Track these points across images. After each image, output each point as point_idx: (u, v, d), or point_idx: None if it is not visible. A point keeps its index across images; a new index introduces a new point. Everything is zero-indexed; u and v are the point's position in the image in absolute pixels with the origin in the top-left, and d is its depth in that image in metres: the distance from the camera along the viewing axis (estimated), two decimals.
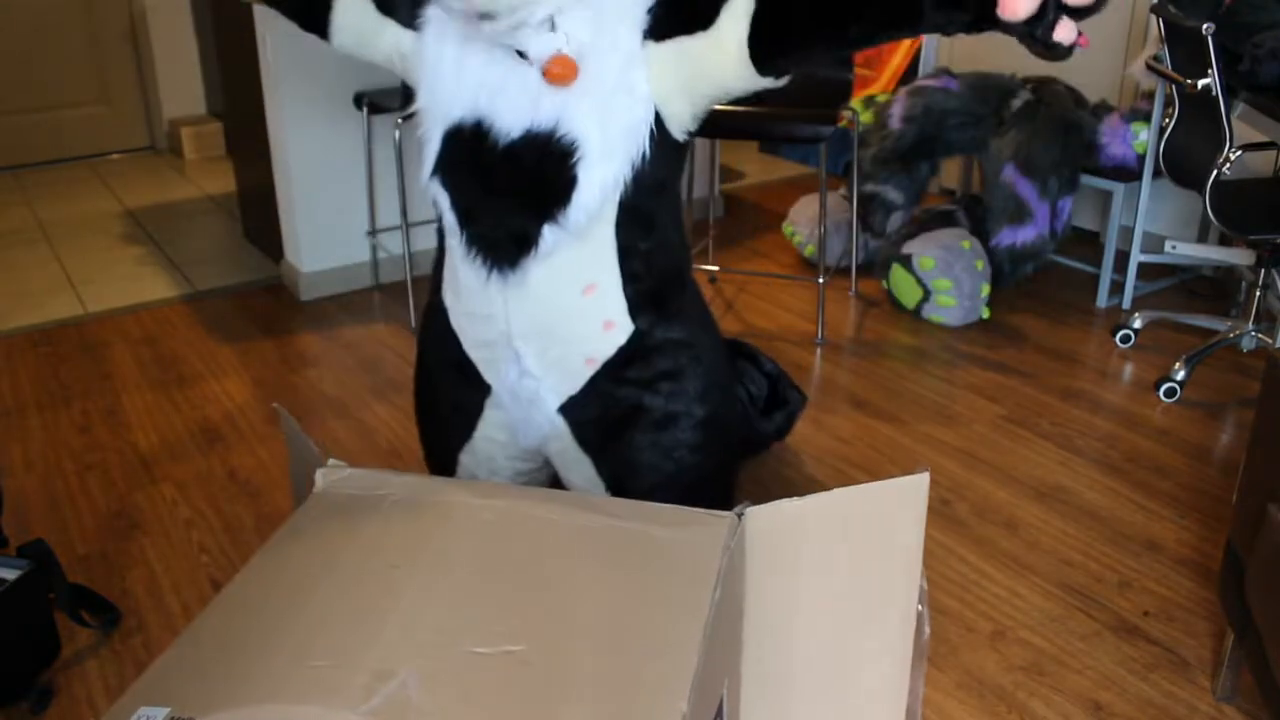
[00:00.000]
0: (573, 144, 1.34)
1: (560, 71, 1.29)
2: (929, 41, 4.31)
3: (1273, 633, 1.51)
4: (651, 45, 1.36)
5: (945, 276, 3.15)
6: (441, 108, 1.42)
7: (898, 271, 3.26)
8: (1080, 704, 1.78)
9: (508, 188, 1.37)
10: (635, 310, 1.48)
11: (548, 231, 1.38)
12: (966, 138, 3.42)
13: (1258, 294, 2.87)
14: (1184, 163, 2.83)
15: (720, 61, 1.33)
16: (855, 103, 3.50)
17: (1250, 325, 2.91)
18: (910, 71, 4.42)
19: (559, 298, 1.45)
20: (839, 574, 1.00)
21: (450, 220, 1.45)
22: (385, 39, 1.51)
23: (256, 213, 3.95)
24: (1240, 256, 3.08)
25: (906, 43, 4.69)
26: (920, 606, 1.02)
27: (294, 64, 3.27)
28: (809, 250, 3.67)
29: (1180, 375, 2.79)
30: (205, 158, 5.26)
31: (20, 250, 4.02)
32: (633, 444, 1.54)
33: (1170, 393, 2.79)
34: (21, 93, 4.94)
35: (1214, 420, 2.70)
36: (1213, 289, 3.48)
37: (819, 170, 3.10)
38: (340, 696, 0.82)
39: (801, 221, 3.68)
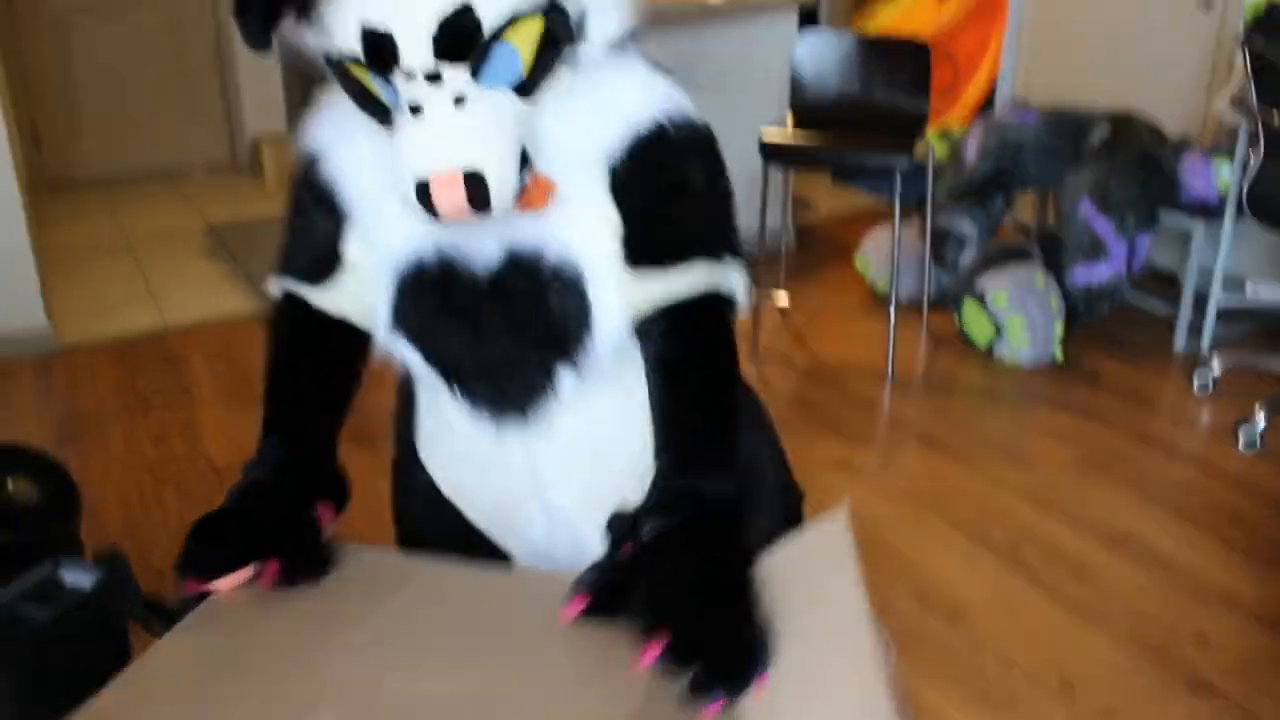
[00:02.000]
0: (575, 265, 1.12)
1: (536, 194, 1.08)
2: (1005, 73, 4.26)
3: None
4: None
5: (1018, 313, 3.11)
6: (387, 253, 1.19)
7: (970, 307, 3.22)
8: None
9: (503, 327, 1.16)
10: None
11: (565, 373, 1.17)
12: (1042, 172, 3.37)
13: None
14: (1272, 203, 2.76)
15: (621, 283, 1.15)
16: (930, 135, 3.48)
17: None
18: (987, 103, 4.38)
19: (598, 440, 1.22)
20: (791, 625, 1.02)
21: (428, 376, 1.23)
22: (356, 278, 1.25)
23: None
24: None
25: (984, 74, 4.64)
26: (880, 639, 1.03)
27: None
28: (880, 283, 3.64)
29: (1261, 423, 2.71)
30: (286, 174, 5.36)
31: (105, 262, 4.14)
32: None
33: (1250, 441, 2.72)
34: (109, 108, 5.09)
35: None
36: None
37: (892, 202, 3.08)
38: None
39: (873, 254, 3.66)
